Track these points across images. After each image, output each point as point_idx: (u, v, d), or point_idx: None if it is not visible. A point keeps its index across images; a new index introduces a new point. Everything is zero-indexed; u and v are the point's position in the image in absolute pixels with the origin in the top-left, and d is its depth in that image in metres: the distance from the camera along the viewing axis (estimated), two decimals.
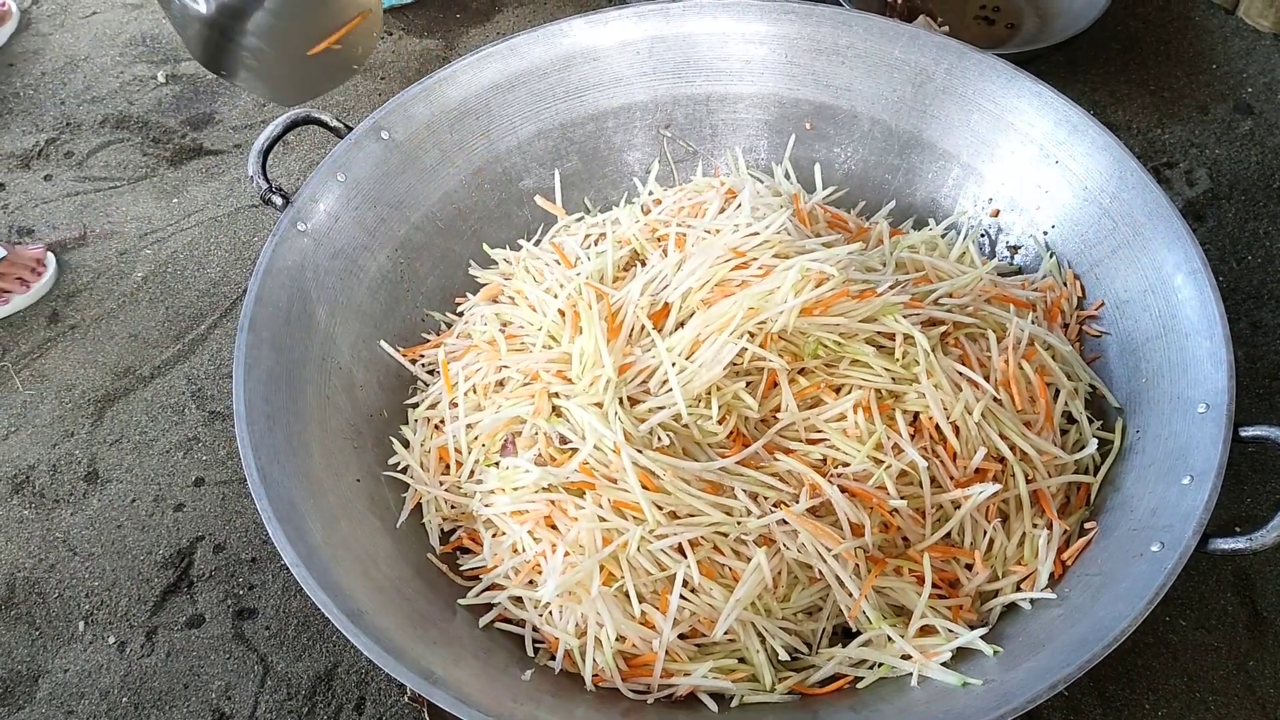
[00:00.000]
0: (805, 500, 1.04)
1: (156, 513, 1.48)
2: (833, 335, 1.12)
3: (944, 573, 1.07)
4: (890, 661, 1.01)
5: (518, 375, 1.20)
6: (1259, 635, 1.31)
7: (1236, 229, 1.72)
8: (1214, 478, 0.92)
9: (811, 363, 1.12)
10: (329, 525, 1.04)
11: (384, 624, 0.96)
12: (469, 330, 1.30)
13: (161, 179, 1.90)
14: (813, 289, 1.12)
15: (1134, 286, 1.16)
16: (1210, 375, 1.01)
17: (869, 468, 1.07)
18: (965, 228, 1.36)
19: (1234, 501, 1.41)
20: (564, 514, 1.07)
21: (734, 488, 1.06)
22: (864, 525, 1.04)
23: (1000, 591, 1.06)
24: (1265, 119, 1.87)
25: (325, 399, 1.17)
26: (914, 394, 1.10)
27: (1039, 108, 1.27)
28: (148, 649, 1.36)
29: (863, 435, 1.08)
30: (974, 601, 1.06)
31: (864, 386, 1.11)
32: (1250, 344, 1.57)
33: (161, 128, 1.99)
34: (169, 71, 2.09)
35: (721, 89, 1.44)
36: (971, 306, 1.20)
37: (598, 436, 1.07)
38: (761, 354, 1.10)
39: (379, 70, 2.05)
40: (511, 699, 0.95)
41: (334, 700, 1.31)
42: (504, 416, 1.16)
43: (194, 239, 1.79)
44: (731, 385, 1.10)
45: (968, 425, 1.09)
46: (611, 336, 1.15)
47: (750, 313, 1.11)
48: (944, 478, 1.09)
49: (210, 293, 1.71)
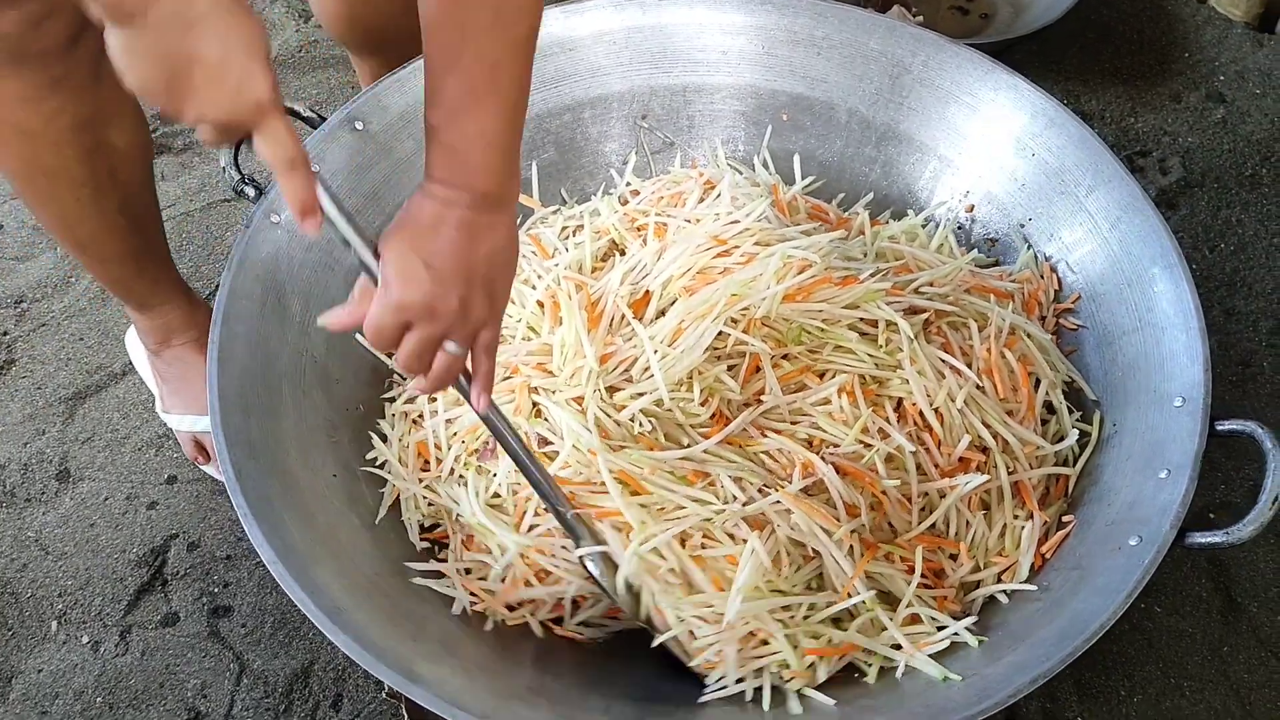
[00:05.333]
0: (798, 480, 1.04)
1: (129, 511, 1.46)
2: (816, 321, 1.12)
3: (930, 563, 1.07)
4: (881, 650, 1.01)
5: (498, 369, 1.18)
6: (1233, 621, 1.32)
7: (1209, 217, 1.73)
8: (1190, 471, 0.93)
9: (795, 349, 1.12)
10: (306, 521, 1.03)
11: (362, 621, 0.96)
12: None
13: None
14: (795, 275, 1.12)
15: (1110, 280, 1.17)
16: (1186, 369, 1.01)
17: (859, 450, 1.07)
18: (943, 220, 1.36)
19: (1208, 489, 1.42)
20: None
21: (719, 475, 1.05)
22: (859, 505, 1.04)
23: (982, 583, 1.06)
24: (1237, 107, 1.88)
25: (301, 393, 1.16)
26: (897, 380, 1.11)
27: (1015, 100, 1.27)
28: (122, 648, 1.34)
29: (849, 419, 1.08)
30: (958, 593, 1.07)
31: (848, 372, 1.10)
32: (1224, 331, 1.58)
33: None
34: None
35: (699, 80, 1.43)
36: (952, 296, 1.21)
37: (575, 437, 1.07)
38: (744, 338, 1.10)
39: (348, 63, 2.02)
40: (492, 696, 0.94)
41: (311, 697, 1.30)
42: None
43: (167, 233, 1.76)
44: (714, 369, 1.10)
45: (951, 412, 1.09)
46: (592, 326, 1.14)
47: (733, 299, 1.11)
48: (929, 465, 1.09)
49: None
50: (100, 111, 1.11)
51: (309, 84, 1.97)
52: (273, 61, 0.73)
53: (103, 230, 1.22)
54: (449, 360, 0.86)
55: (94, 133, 1.11)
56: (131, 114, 1.17)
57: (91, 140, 1.11)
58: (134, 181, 1.21)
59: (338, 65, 2.00)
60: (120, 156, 1.16)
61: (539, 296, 1.20)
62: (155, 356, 1.42)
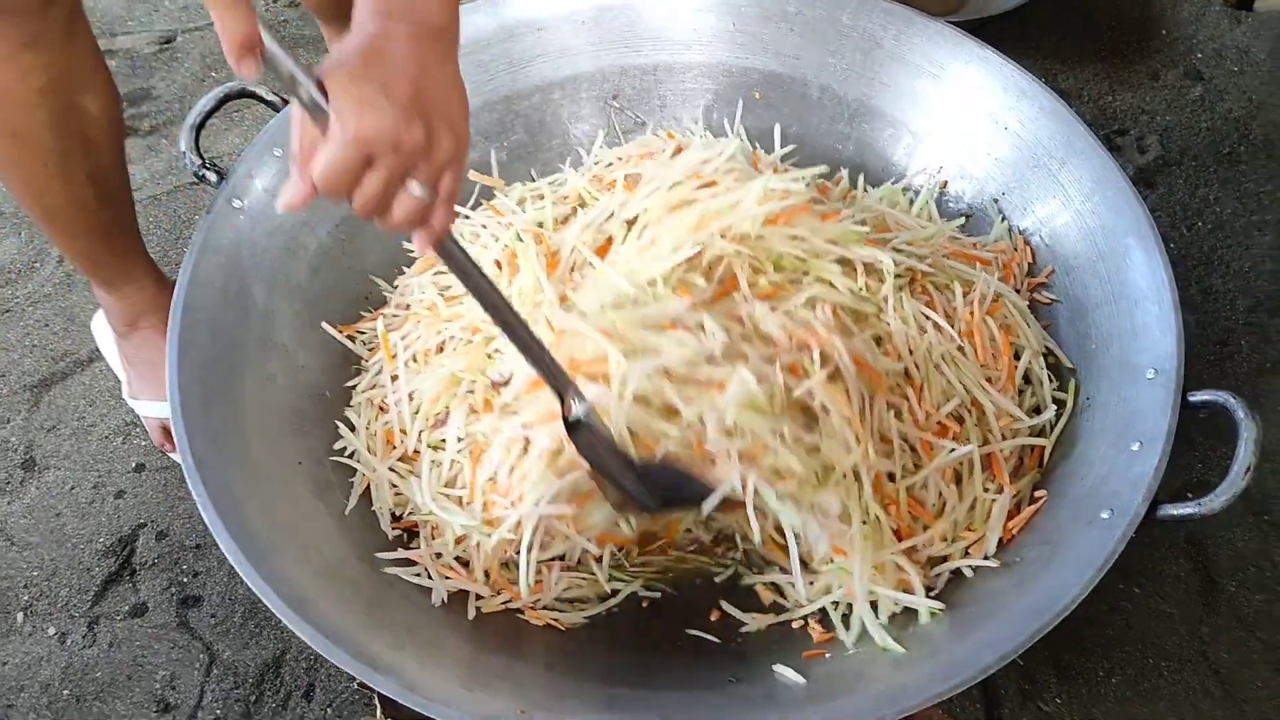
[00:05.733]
0: (819, 367, 1.01)
1: (96, 500, 1.44)
2: (797, 251, 1.09)
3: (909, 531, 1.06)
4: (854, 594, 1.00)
5: (460, 334, 1.16)
6: (1211, 601, 1.31)
7: (1187, 195, 1.72)
8: (1163, 444, 0.92)
9: (775, 275, 1.09)
10: (268, 511, 1.01)
11: (327, 610, 0.94)
12: (407, 300, 1.27)
13: None
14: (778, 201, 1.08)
15: (1084, 253, 1.15)
16: (1159, 341, 1.00)
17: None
18: (923, 188, 1.34)
19: (1187, 467, 1.41)
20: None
21: (703, 318, 1.01)
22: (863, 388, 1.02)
23: (950, 556, 1.05)
24: (1215, 85, 1.87)
25: (265, 381, 1.14)
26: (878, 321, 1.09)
27: (987, 74, 1.26)
28: (89, 640, 1.32)
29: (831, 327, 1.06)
30: (926, 567, 1.05)
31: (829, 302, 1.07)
32: (1201, 310, 1.57)
33: None
34: (104, 46, 2.03)
35: (669, 58, 1.41)
36: (931, 258, 1.19)
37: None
38: (724, 245, 1.06)
39: (320, 43, 2.00)
40: (460, 685, 0.93)
41: (283, 688, 1.28)
42: (443, 375, 1.13)
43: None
44: (685, 274, 1.07)
45: (929, 368, 1.08)
46: (551, 269, 1.12)
47: (711, 217, 1.06)
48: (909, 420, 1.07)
49: None
50: (72, 73, 1.09)
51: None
52: None
53: (71, 201, 1.19)
54: (413, 205, 0.77)
55: (65, 96, 1.09)
56: (103, 82, 1.15)
57: (62, 104, 1.09)
58: (104, 151, 1.19)
59: (309, 45, 1.97)
60: (91, 123, 1.14)
61: (496, 256, 1.17)
62: (123, 340, 1.40)
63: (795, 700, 0.94)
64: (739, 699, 0.97)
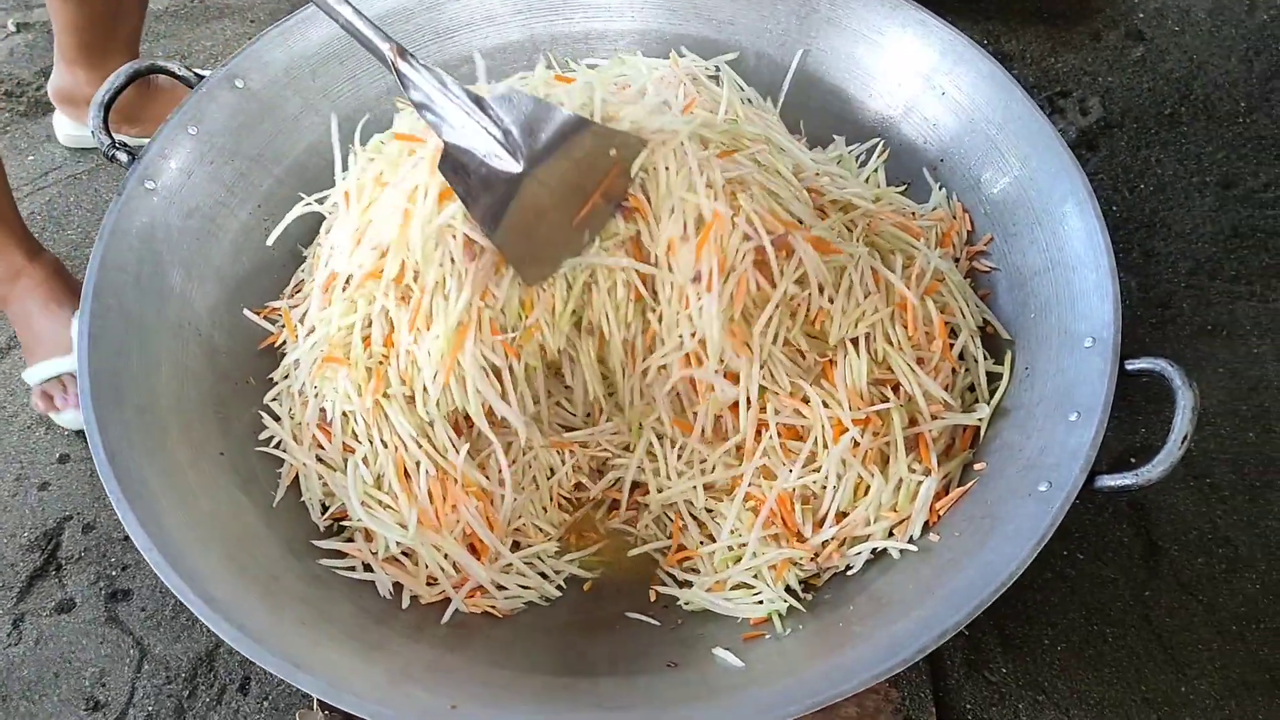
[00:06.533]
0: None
1: (19, 492, 1.39)
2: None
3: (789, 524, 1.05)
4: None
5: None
6: (1154, 566, 1.31)
7: (1129, 157, 1.71)
8: (1100, 414, 0.90)
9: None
10: (187, 505, 0.98)
11: (251, 606, 0.91)
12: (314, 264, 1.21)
13: (15, 135, 1.78)
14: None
15: (1022, 219, 1.13)
16: (1097, 308, 0.98)
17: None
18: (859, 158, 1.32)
19: (1129, 433, 1.41)
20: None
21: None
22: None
23: (871, 536, 1.03)
24: (1156, 45, 1.86)
25: (183, 369, 1.10)
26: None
27: (924, 36, 1.23)
28: (14, 637, 1.28)
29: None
30: (840, 545, 1.04)
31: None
32: (1144, 273, 1.57)
33: (15, 79, 1.86)
34: (19, 19, 1.95)
35: (601, 26, 1.37)
36: (872, 221, 1.16)
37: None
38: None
39: (248, 13, 1.93)
40: (387, 680, 0.90)
41: (217, 681, 1.25)
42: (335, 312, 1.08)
43: (51, 198, 1.68)
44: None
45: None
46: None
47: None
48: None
49: (70, 256, 1.60)
50: None
51: (202, 35, 1.88)
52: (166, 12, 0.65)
53: None
54: None
55: None
56: None
57: None
58: None
59: (234, 15, 1.91)
60: None
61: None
62: (6, 308, 1.38)
63: (733, 685, 0.92)
64: (677, 684, 0.95)
